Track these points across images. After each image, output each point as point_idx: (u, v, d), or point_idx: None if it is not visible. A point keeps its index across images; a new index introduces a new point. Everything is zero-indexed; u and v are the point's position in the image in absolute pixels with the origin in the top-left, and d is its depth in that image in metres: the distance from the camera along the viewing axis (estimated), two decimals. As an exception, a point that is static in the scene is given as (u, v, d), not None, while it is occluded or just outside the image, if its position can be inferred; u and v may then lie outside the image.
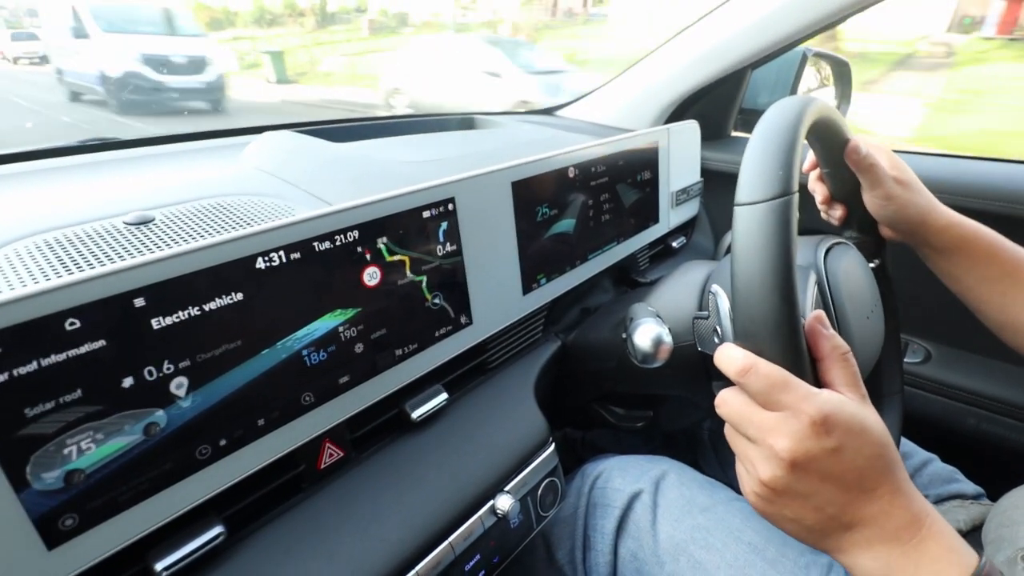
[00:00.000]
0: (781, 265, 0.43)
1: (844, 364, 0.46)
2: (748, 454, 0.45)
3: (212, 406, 0.44)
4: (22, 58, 17.82)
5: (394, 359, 0.58)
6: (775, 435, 0.42)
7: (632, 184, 0.94)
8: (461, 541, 0.57)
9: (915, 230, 0.70)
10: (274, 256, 0.47)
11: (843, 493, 0.42)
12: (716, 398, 0.48)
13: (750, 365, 0.44)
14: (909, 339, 1.20)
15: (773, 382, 0.43)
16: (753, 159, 0.46)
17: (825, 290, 0.61)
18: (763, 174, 0.45)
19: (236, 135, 0.98)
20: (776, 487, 0.43)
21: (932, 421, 1.12)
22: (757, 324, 0.44)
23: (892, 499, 0.42)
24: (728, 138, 1.38)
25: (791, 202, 0.44)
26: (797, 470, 0.42)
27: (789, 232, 0.43)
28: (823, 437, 0.41)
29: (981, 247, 0.68)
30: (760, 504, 0.45)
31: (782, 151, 0.46)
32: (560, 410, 0.88)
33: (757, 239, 0.44)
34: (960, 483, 0.78)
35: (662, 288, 0.76)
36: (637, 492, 0.71)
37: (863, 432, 0.42)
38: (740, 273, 0.45)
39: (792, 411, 0.42)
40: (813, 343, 0.46)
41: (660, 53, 1.26)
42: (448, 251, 0.62)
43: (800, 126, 0.48)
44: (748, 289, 0.44)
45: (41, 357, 0.36)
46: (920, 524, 0.42)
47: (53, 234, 0.52)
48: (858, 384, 0.46)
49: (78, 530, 0.39)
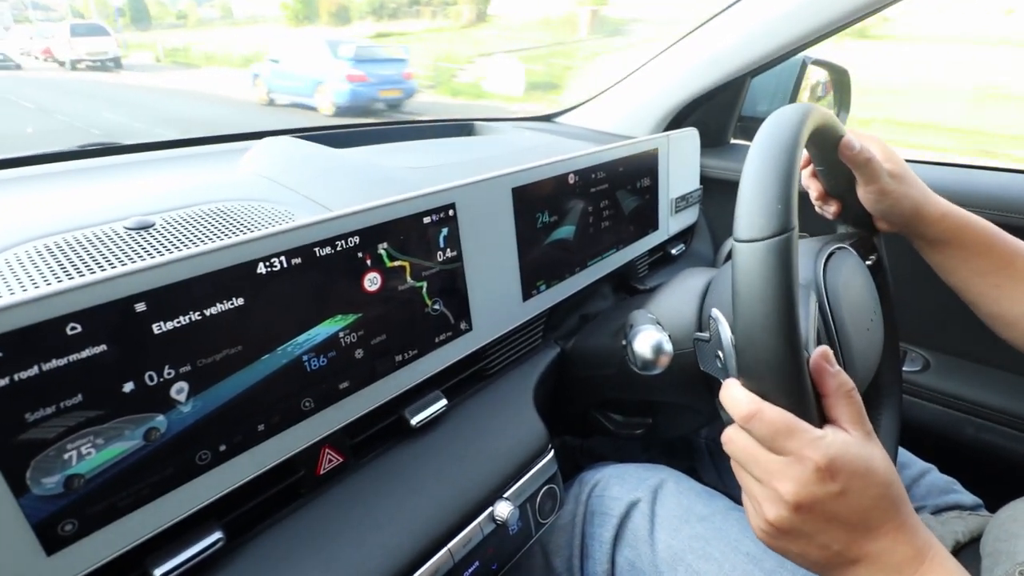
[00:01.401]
0: (783, 307, 0.42)
1: (849, 401, 0.46)
2: (754, 492, 0.46)
3: (212, 411, 0.44)
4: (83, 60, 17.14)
5: (394, 365, 0.58)
6: (780, 479, 0.43)
7: (632, 191, 0.94)
8: (460, 548, 0.57)
9: (909, 222, 0.69)
10: (275, 261, 0.47)
11: (847, 532, 0.42)
12: (723, 435, 0.48)
13: (755, 411, 0.44)
14: (907, 347, 1.20)
15: (778, 429, 0.43)
16: (750, 191, 0.45)
17: (825, 306, 0.60)
18: (761, 209, 0.44)
19: (236, 140, 0.98)
20: (781, 527, 0.43)
21: (930, 430, 1.12)
22: (761, 365, 0.44)
23: (896, 535, 0.42)
24: (727, 145, 1.38)
25: (791, 239, 0.43)
26: (802, 512, 0.42)
27: (790, 271, 0.43)
28: (828, 482, 0.41)
29: (976, 238, 0.68)
30: (766, 539, 0.46)
31: (779, 181, 0.44)
32: (559, 417, 0.88)
33: (758, 280, 0.43)
34: (958, 494, 0.78)
35: (662, 295, 0.76)
36: (635, 501, 0.71)
37: (868, 473, 0.42)
38: (742, 314, 0.44)
39: (797, 456, 0.42)
40: (818, 380, 0.46)
41: (660, 60, 1.26)
42: (448, 257, 0.62)
43: (796, 149, 0.47)
44: (751, 330, 0.44)
45: (42, 362, 0.36)
46: (923, 557, 0.42)
47: (54, 239, 0.52)
48: (863, 420, 0.46)
49: (78, 535, 0.39)
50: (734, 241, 0.45)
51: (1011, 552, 0.57)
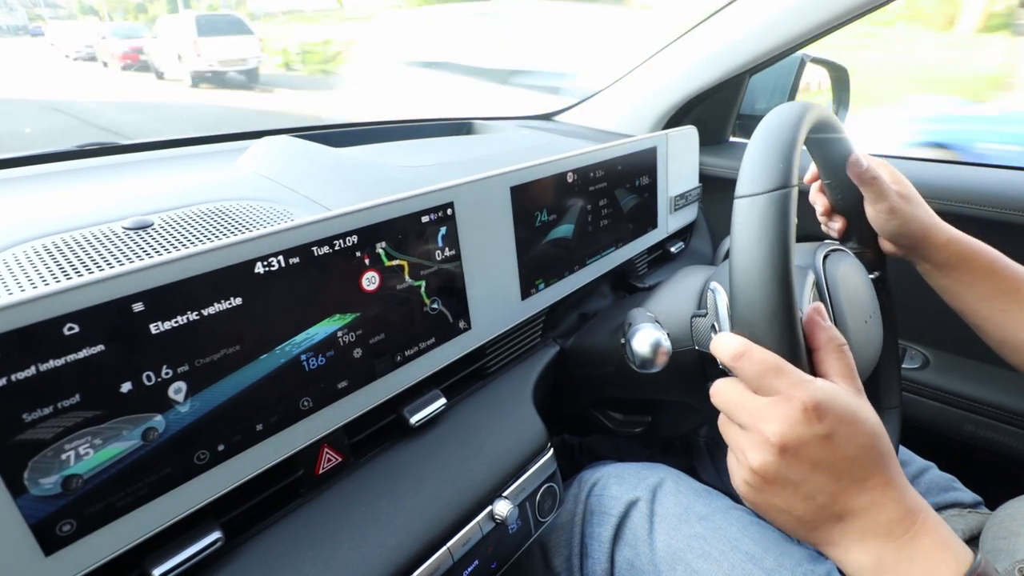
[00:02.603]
0: (779, 253, 0.43)
1: (840, 355, 0.46)
2: (739, 442, 0.45)
3: (210, 411, 0.44)
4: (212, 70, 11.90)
5: (393, 364, 0.58)
6: (766, 420, 0.42)
7: (630, 189, 0.94)
8: (459, 547, 0.57)
9: (916, 245, 0.70)
10: (273, 261, 0.47)
11: (834, 482, 0.41)
12: (711, 388, 0.48)
13: (744, 350, 0.44)
14: (907, 345, 1.20)
15: (767, 367, 0.43)
16: (753, 154, 0.47)
17: (824, 292, 0.61)
18: (763, 167, 0.46)
19: (235, 140, 0.98)
20: (766, 474, 0.42)
21: (930, 428, 1.12)
22: (754, 312, 0.44)
23: (884, 491, 0.41)
24: (726, 143, 1.39)
25: (790, 195, 0.44)
26: (787, 456, 0.41)
27: (787, 222, 0.44)
28: (815, 423, 0.40)
29: (981, 264, 0.68)
30: (750, 493, 0.45)
31: (782, 146, 0.46)
32: (558, 415, 0.88)
33: (755, 228, 0.44)
34: (958, 491, 0.78)
35: (660, 293, 0.76)
36: (634, 500, 0.71)
37: (856, 421, 0.42)
38: (738, 262, 0.45)
39: (784, 396, 0.42)
40: (810, 333, 0.46)
41: (659, 58, 1.26)
42: (447, 256, 0.62)
43: (801, 125, 0.49)
44: (746, 277, 0.44)
45: (39, 362, 0.36)
46: (913, 519, 0.41)
47: (52, 239, 0.52)
48: (853, 377, 0.45)
49: (75, 536, 0.39)
50: (735, 199, 0.46)
51: (1010, 550, 0.57)
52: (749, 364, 0.44)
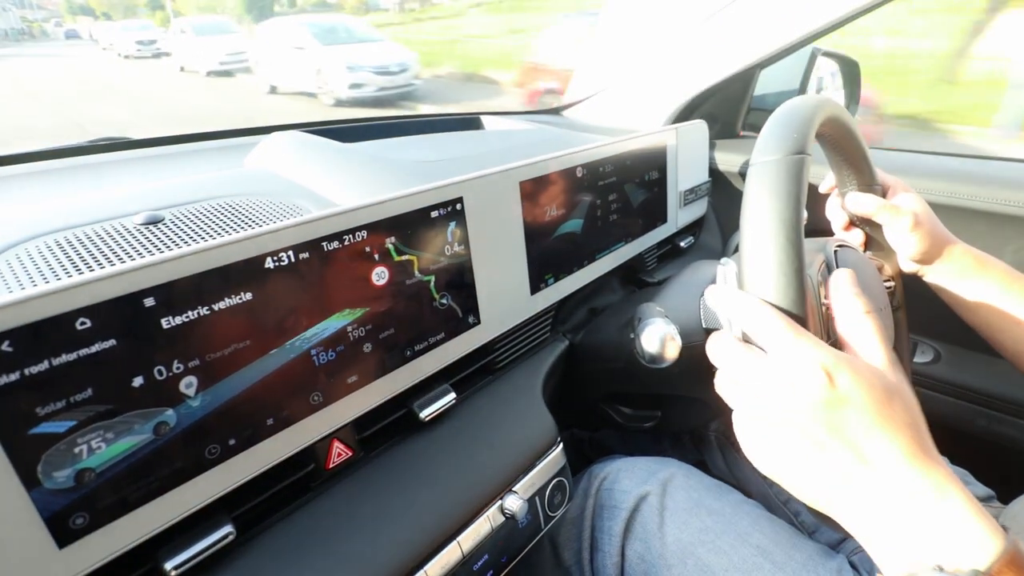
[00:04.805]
0: (790, 214, 0.43)
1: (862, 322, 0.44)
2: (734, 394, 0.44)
3: (221, 405, 0.44)
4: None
5: (402, 359, 0.59)
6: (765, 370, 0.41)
7: (640, 184, 0.94)
8: (469, 541, 0.57)
9: (934, 257, 0.69)
10: (283, 256, 0.47)
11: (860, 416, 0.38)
12: (708, 343, 0.46)
13: (749, 303, 0.43)
14: (918, 339, 1.18)
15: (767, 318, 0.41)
16: (769, 128, 0.48)
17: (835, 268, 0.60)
18: (778, 136, 0.46)
19: (245, 135, 0.98)
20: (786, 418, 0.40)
21: (942, 422, 1.11)
22: (762, 269, 0.43)
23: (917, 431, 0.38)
24: (736, 138, 1.37)
25: (803, 161, 0.45)
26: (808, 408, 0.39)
27: (800, 184, 0.44)
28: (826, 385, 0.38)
29: (997, 275, 0.67)
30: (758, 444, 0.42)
31: (799, 119, 0.47)
32: (568, 410, 0.88)
33: (767, 188, 0.44)
34: (970, 486, 0.78)
35: (670, 288, 0.76)
36: (645, 494, 0.71)
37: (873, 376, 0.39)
38: (748, 221, 0.45)
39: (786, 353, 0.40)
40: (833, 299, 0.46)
41: (669, 53, 1.25)
42: (456, 251, 0.62)
43: (819, 110, 0.50)
44: (755, 235, 0.44)
45: (52, 357, 0.36)
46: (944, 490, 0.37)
47: (64, 234, 0.53)
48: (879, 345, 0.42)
49: (88, 529, 0.39)
50: (749, 166, 0.47)
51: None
52: (750, 315, 0.42)
